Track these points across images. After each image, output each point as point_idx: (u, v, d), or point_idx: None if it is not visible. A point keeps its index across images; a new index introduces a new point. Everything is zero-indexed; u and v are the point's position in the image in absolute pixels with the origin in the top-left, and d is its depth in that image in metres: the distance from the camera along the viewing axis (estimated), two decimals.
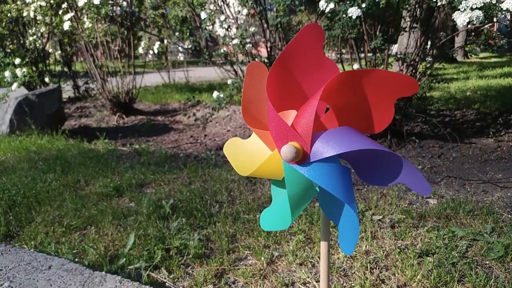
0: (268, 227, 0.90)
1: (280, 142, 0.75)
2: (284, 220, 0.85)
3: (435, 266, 1.49)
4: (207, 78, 8.21)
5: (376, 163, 0.78)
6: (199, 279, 1.49)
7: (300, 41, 0.76)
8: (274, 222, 0.89)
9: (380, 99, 0.76)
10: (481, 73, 7.08)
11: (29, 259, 1.65)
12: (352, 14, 2.62)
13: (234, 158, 0.91)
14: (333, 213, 0.82)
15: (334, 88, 0.75)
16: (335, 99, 0.79)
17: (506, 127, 3.52)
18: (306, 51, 0.78)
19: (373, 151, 0.77)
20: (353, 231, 0.77)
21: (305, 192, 0.80)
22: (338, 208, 0.79)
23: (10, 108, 3.97)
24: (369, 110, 0.77)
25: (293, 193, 0.78)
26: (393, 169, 0.77)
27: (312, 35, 0.76)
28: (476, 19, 2.27)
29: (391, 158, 0.77)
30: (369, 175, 0.80)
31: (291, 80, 0.80)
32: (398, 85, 0.73)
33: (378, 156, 0.78)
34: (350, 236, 0.78)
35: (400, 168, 0.76)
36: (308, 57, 0.78)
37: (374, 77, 0.73)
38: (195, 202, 2.14)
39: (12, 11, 5.00)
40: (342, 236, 0.79)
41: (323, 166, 0.74)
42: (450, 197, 2.14)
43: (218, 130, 4.21)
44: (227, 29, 3.58)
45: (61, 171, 2.72)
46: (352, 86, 0.75)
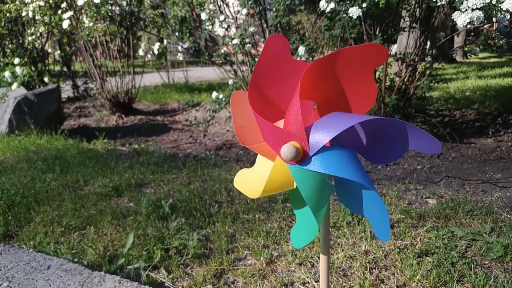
0: (300, 243, 0.86)
1: (278, 145, 0.75)
2: (311, 229, 0.82)
3: (435, 266, 1.49)
4: (206, 78, 8.21)
5: (380, 139, 0.78)
6: (198, 279, 1.48)
7: (267, 55, 0.77)
8: (303, 236, 0.85)
9: (357, 76, 0.76)
10: (481, 73, 7.09)
11: (28, 259, 1.65)
12: (353, 14, 2.62)
13: (244, 186, 0.89)
14: (355, 204, 0.81)
15: (311, 81, 0.76)
16: (316, 91, 0.79)
17: (505, 127, 3.52)
18: (276, 62, 0.79)
19: (373, 128, 0.77)
20: (382, 214, 0.76)
21: (320, 190, 0.78)
22: (358, 196, 0.78)
23: (9, 107, 3.97)
24: (352, 90, 0.77)
25: (308, 193, 0.76)
26: (398, 138, 0.76)
27: (277, 45, 0.77)
28: (477, 19, 2.27)
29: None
30: (377, 155, 0.80)
31: (272, 93, 0.81)
32: (368, 57, 0.73)
33: (379, 131, 0.78)
34: (381, 220, 0.76)
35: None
36: (280, 66, 0.79)
37: (343, 56, 0.73)
38: (194, 202, 2.14)
39: (11, 11, 5.00)
40: (374, 223, 0.77)
41: (327, 154, 0.74)
42: (449, 197, 2.14)
43: (217, 130, 4.21)
44: (227, 29, 3.58)
45: (60, 171, 2.72)
46: (326, 73, 0.75)
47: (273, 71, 0.79)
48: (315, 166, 0.73)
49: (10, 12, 5.03)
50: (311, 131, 0.75)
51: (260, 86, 0.79)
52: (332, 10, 2.80)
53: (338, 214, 1.92)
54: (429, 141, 0.74)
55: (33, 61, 5.42)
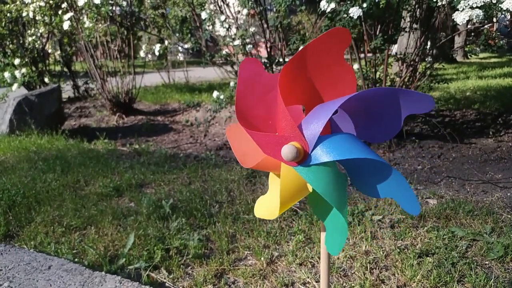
0: (337, 249, 0.81)
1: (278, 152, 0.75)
2: (342, 230, 0.79)
3: (435, 266, 1.49)
4: (207, 78, 8.21)
5: (371, 115, 0.78)
6: (199, 279, 1.49)
7: (244, 79, 0.78)
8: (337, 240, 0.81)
9: (329, 65, 0.76)
10: (481, 73, 7.08)
11: (29, 259, 1.65)
12: (353, 14, 2.62)
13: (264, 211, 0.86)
14: (373, 187, 0.79)
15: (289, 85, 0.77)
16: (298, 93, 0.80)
17: (506, 127, 3.52)
18: (254, 82, 0.79)
19: (361, 106, 0.77)
20: (403, 187, 0.75)
21: (335, 182, 0.76)
22: (373, 177, 0.78)
23: (10, 108, 3.97)
24: (330, 80, 0.78)
25: (325, 190, 0.74)
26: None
27: (250, 68, 0.78)
28: (476, 17, 2.27)
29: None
30: (375, 133, 0.80)
31: (259, 111, 0.81)
32: (332, 42, 0.74)
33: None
34: (406, 194, 0.75)
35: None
36: (259, 85, 0.80)
37: (310, 50, 0.75)
38: (195, 202, 2.14)
39: (11, 11, 5.00)
40: (400, 200, 0.76)
41: (325, 144, 0.74)
42: (449, 197, 2.14)
43: (218, 130, 4.21)
44: (227, 29, 3.58)
45: (61, 171, 2.72)
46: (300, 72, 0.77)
47: (254, 91, 0.80)
48: (319, 158, 0.73)
49: (10, 12, 5.03)
50: (302, 128, 0.75)
51: (247, 109, 0.80)
52: (333, 10, 2.80)
53: None
54: (420, 99, 0.73)
55: (34, 62, 5.42)
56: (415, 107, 0.74)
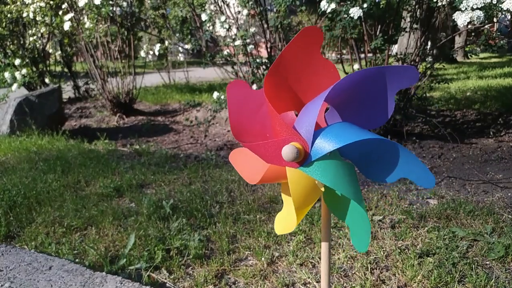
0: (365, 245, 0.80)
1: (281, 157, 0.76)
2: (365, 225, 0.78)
3: (436, 266, 1.49)
4: (207, 78, 8.21)
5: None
6: (199, 279, 1.49)
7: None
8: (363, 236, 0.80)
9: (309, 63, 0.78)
10: (481, 73, 7.08)
11: (30, 259, 1.65)
12: (354, 15, 2.62)
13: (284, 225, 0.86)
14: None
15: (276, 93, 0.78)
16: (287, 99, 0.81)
17: (507, 127, 3.52)
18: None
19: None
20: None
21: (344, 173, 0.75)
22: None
23: (11, 108, 3.98)
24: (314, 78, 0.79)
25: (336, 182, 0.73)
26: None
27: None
28: (477, 19, 2.27)
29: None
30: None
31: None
32: (307, 41, 0.75)
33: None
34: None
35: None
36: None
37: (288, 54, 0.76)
38: (196, 202, 2.14)
39: (12, 12, 5.01)
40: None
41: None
42: (450, 198, 2.14)
43: (218, 131, 4.22)
44: (228, 30, 3.58)
45: (62, 171, 2.72)
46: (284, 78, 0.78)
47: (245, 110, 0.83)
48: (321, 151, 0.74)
49: (11, 13, 5.03)
50: (297, 128, 0.76)
51: (242, 128, 0.83)
52: (333, 10, 2.80)
53: None
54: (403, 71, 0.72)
55: (34, 62, 5.43)
56: (401, 82, 0.73)
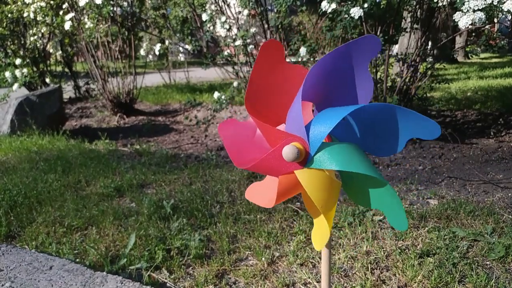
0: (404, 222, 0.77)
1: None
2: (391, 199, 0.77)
3: (436, 266, 1.49)
4: (207, 78, 8.21)
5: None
6: (200, 279, 1.49)
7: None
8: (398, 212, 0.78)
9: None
10: (482, 74, 7.08)
11: (30, 259, 1.65)
12: (354, 15, 2.62)
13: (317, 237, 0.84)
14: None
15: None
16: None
17: (507, 127, 3.52)
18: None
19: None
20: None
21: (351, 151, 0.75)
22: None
23: (11, 108, 3.98)
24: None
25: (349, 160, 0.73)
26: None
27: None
28: (479, 20, 2.27)
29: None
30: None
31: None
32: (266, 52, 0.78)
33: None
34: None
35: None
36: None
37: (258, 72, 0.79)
38: (196, 202, 2.14)
39: (13, 12, 5.01)
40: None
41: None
42: (450, 198, 2.14)
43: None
44: (228, 30, 3.58)
45: (62, 171, 2.72)
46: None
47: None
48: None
49: (11, 13, 5.04)
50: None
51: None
52: (334, 10, 2.80)
53: (339, 215, 1.92)
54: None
55: (35, 62, 5.43)
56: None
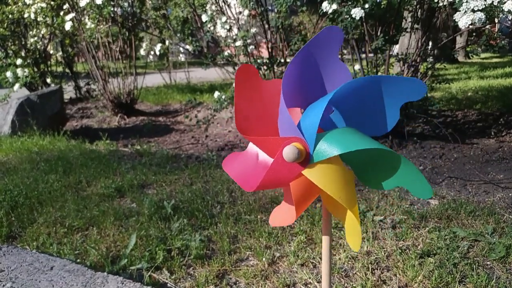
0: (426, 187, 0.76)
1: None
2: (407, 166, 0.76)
3: (437, 266, 1.49)
4: (208, 78, 8.22)
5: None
6: (200, 279, 1.49)
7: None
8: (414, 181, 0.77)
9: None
10: (483, 74, 7.08)
11: (31, 260, 1.66)
12: (356, 15, 2.62)
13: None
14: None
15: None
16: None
17: (508, 127, 3.52)
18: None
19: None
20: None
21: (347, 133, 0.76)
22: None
23: (12, 109, 3.98)
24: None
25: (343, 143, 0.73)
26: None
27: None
28: (478, 21, 2.27)
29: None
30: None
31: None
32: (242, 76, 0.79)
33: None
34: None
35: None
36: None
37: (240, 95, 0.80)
38: (197, 202, 2.14)
39: (13, 12, 5.02)
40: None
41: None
42: (451, 198, 2.14)
43: (219, 131, 4.22)
44: (229, 30, 3.58)
45: (63, 172, 2.73)
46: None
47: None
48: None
49: (12, 13, 5.04)
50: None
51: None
52: (334, 11, 2.80)
53: None
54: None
55: (36, 62, 5.44)
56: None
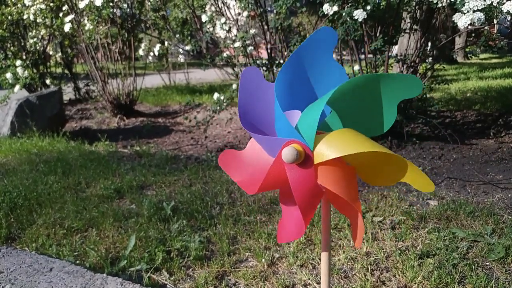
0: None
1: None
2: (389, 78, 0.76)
3: (436, 267, 1.49)
4: (207, 79, 8.22)
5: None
6: (200, 281, 1.49)
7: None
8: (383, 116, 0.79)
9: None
10: (482, 74, 7.08)
11: (31, 261, 1.65)
12: (358, 17, 2.62)
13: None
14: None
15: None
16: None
17: (507, 128, 3.52)
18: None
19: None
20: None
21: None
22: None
23: (11, 110, 3.98)
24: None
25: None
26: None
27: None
28: (478, 20, 2.28)
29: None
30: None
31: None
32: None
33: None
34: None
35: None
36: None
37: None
38: (196, 204, 2.14)
39: (13, 14, 5.02)
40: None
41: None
42: (450, 198, 2.14)
43: (218, 132, 4.22)
44: (228, 31, 3.59)
45: (62, 173, 2.72)
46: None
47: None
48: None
49: (11, 15, 5.04)
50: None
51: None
52: (335, 13, 2.80)
53: (339, 216, 1.92)
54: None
55: (35, 64, 5.43)
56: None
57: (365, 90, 0.75)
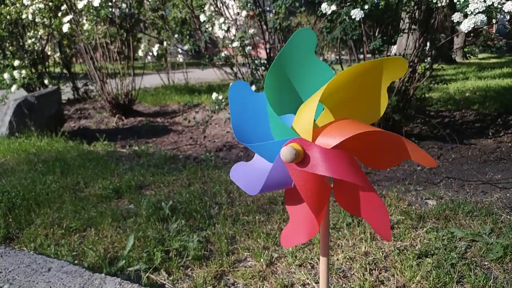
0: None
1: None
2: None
3: (434, 267, 1.49)
4: (206, 79, 8.21)
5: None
6: (198, 280, 1.49)
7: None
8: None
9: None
10: (480, 74, 7.09)
11: (29, 261, 1.65)
12: (356, 16, 2.62)
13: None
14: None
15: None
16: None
17: (505, 127, 3.53)
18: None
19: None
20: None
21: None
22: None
23: (10, 110, 3.98)
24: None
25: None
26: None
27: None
28: (481, 23, 2.28)
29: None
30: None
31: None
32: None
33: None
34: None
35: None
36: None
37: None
38: (195, 203, 2.14)
39: (11, 13, 5.01)
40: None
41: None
42: (449, 198, 2.14)
43: (217, 132, 4.22)
44: (227, 31, 3.59)
45: (61, 173, 2.72)
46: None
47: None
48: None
49: (10, 14, 5.03)
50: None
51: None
52: (333, 12, 2.81)
53: (338, 216, 1.92)
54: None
55: (33, 63, 5.43)
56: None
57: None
